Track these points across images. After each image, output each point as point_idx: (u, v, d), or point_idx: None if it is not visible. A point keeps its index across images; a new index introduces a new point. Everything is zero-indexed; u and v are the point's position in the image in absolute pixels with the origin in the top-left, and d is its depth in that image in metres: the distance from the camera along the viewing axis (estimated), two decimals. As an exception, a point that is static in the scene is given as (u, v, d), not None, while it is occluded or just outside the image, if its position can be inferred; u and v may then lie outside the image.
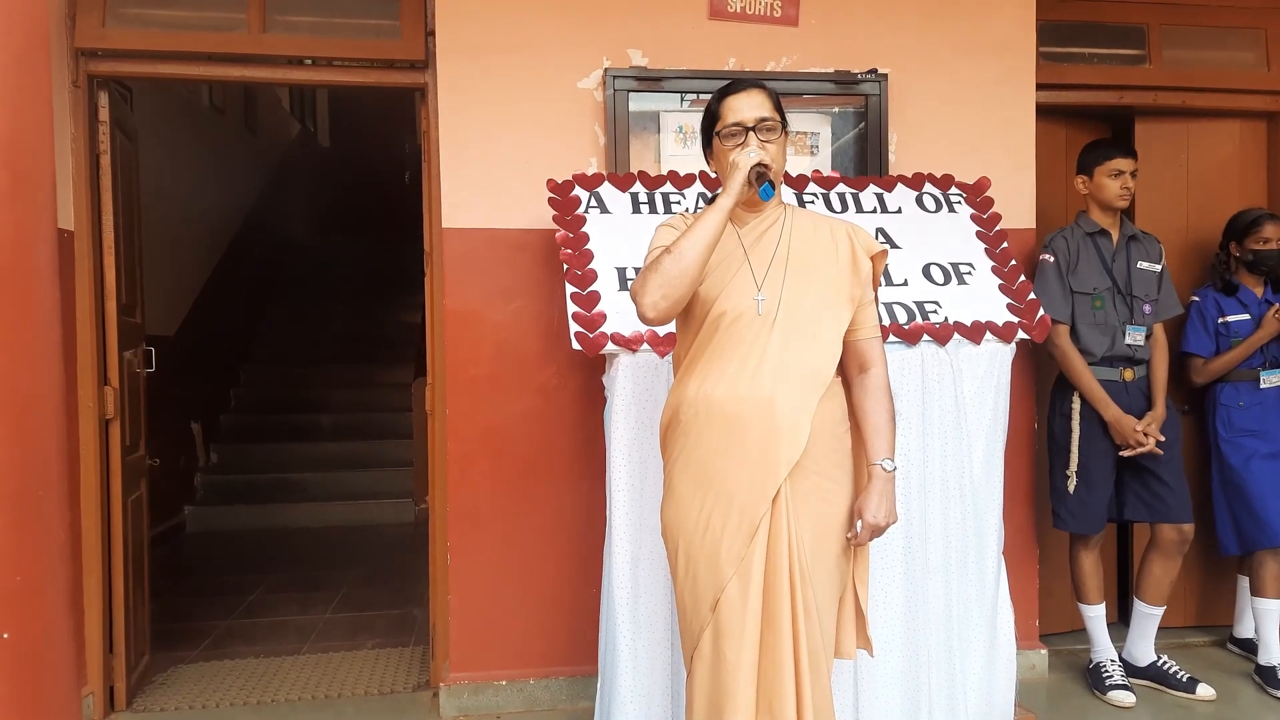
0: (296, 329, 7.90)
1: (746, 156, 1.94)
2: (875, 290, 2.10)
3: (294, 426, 6.98)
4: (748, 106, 2.01)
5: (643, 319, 1.95)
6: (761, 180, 1.96)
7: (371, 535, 5.93)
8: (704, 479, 1.98)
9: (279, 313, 8.13)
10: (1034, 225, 3.34)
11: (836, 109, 3.26)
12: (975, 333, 2.72)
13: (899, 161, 3.23)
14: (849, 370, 2.08)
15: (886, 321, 2.70)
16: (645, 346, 2.56)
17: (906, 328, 2.70)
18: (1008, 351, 2.77)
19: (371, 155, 10.73)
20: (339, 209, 9.92)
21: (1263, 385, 3.36)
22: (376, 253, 8.75)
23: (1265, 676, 3.23)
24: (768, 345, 1.96)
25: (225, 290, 6.95)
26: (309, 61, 3.12)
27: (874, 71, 3.20)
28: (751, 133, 1.99)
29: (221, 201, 7.14)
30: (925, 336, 2.70)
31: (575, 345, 2.57)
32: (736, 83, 2.07)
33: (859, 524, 2.00)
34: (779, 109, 2.04)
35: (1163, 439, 3.07)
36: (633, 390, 2.57)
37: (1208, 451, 3.47)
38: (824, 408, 1.97)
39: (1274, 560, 3.25)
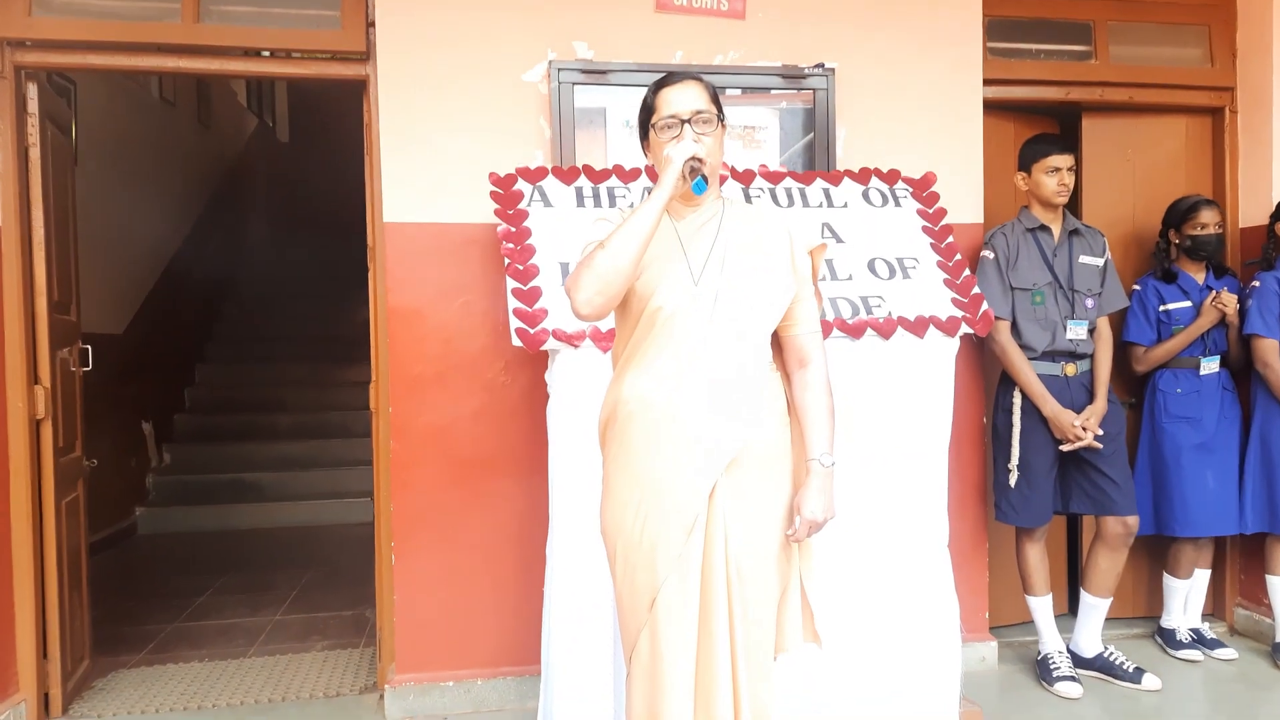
0: (253, 327, 7.78)
1: (680, 150, 1.91)
2: (815, 285, 2.09)
3: (251, 426, 6.86)
4: (683, 99, 1.98)
5: (577, 315, 1.91)
6: (695, 174, 1.93)
7: (329, 535, 5.84)
8: (640, 476, 1.95)
9: (235, 311, 8.01)
10: (981, 220, 3.36)
11: (784, 104, 3.24)
12: (919, 327, 2.72)
13: (846, 156, 3.22)
14: (789, 365, 2.06)
15: (831, 316, 2.69)
16: (587, 342, 2.53)
17: (851, 322, 2.70)
18: (951, 345, 2.77)
19: (331, 151, 10.54)
20: (297, 205, 9.77)
21: (1202, 372, 3.40)
22: (335, 249, 8.61)
23: (1165, 638, 3.46)
24: (704, 340, 1.93)
25: (178, 288, 6.82)
26: (246, 52, 3.04)
27: (821, 66, 3.19)
28: (687, 125, 1.96)
29: (174, 197, 7.00)
30: (869, 331, 2.69)
31: (516, 341, 2.54)
32: (672, 75, 2.03)
33: (798, 520, 1.98)
34: (716, 102, 2.02)
35: (1101, 433, 3.09)
36: (575, 387, 2.54)
37: (1149, 439, 3.53)
38: (762, 403, 1.95)
39: (1191, 547, 3.44)
